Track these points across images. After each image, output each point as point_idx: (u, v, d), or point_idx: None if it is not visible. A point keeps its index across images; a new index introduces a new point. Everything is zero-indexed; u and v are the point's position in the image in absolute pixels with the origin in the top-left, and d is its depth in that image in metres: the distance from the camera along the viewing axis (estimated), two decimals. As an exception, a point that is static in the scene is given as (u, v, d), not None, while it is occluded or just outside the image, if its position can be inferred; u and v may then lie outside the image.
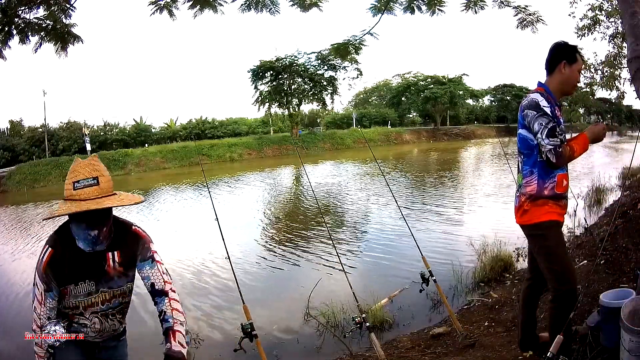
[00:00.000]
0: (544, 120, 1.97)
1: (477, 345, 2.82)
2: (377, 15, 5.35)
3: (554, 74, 2.09)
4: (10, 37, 4.72)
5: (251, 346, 2.28)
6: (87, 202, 1.38)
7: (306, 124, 37.95)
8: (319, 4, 5.39)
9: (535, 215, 2.08)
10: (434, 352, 2.93)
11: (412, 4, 5.32)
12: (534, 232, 2.12)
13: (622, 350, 1.87)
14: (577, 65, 2.07)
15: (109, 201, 1.42)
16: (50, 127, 27.91)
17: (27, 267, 6.29)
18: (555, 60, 2.07)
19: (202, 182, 14.67)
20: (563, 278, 2.03)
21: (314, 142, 30.10)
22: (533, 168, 2.09)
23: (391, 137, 34.16)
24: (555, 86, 2.10)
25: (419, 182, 12.70)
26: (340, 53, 6.32)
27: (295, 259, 5.89)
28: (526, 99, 2.09)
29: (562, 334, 1.98)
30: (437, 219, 7.59)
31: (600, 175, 8.99)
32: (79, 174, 1.41)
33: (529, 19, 5.33)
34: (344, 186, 13.00)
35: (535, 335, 2.37)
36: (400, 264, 5.15)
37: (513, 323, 2.99)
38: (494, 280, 4.23)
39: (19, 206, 14.02)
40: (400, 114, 41.45)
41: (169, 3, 5.04)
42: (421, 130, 38.23)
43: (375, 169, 15.46)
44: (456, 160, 20.42)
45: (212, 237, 6.47)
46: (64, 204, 1.42)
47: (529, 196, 2.09)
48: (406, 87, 39.94)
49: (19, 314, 4.54)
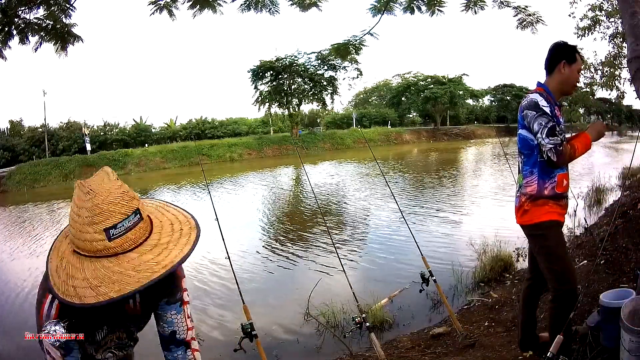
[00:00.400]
0: (544, 119, 1.97)
1: (477, 345, 2.82)
2: (377, 15, 5.36)
3: (554, 74, 2.09)
4: (10, 37, 4.72)
5: (251, 346, 2.28)
6: (143, 262, 0.91)
7: (306, 124, 37.95)
8: (318, 4, 5.39)
9: (535, 215, 2.08)
10: (434, 352, 2.93)
11: (412, 4, 5.32)
12: (535, 232, 2.13)
13: (622, 350, 1.87)
14: (576, 65, 2.07)
15: (176, 249, 0.95)
16: (50, 127, 27.92)
17: (28, 267, 6.30)
18: (555, 60, 2.08)
19: (202, 182, 14.67)
20: (563, 278, 2.03)
21: (314, 142, 30.09)
22: (533, 168, 2.09)
23: (391, 137, 34.15)
24: (555, 86, 2.10)
25: (419, 182, 12.70)
26: (340, 53, 6.32)
27: (295, 259, 5.89)
28: (525, 99, 2.10)
29: (562, 334, 1.98)
30: (437, 219, 7.59)
31: (600, 175, 8.99)
32: (113, 213, 0.90)
33: (529, 20, 5.33)
34: (344, 186, 13.00)
35: (535, 335, 2.37)
36: (400, 264, 5.15)
37: (513, 323, 2.99)
38: (494, 280, 4.23)
39: (19, 206, 14.02)
40: (400, 114, 41.45)
41: (169, 3, 5.04)
42: (421, 130, 38.22)
43: (375, 169, 15.46)
44: (456, 160, 20.42)
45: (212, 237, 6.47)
46: (96, 273, 0.90)
47: (529, 196, 2.09)
48: (406, 87, 39.92)
49: (19, 313, 4.54)
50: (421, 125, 43.49)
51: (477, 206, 8.54)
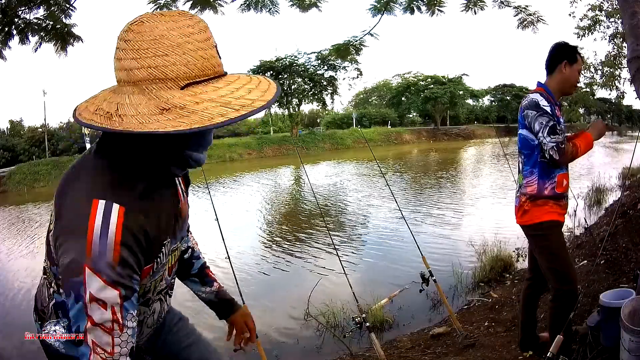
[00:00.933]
0: (544, 119, 1.97)
1: (477, 345, 2.82)
2: (377, 15, 5.35)
3: (555, 74, 2.10)
4: (10, 38, 4.72)
5: (251, 346, 2.28)
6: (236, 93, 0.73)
7: (306, 124, 37.99)
8: (318, 4, 5.38)
9: (535, 215, 2.08)
10: (434, 352, 2.92)
11: (412, 4, 5.31)
12: (535, 232, 2.13)
13: (622, 350, 1.87)
14: (577, 65, 2.08)
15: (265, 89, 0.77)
16: (50, 127, 28.03)
17: (26, 267, 6.29)
18: (556, 60, 2.08)
19: (202, 182, 14.66)
20: (564, 278, 2.03)
21: (314, 142, 30.11)
22: (533, 168, 2.09)
23: (391, 137, 34.18)
24: (556, 86, 2.11)
25: (419, 182, 12.70)
26: (340, 54, 6.31)
27: (295, 259, 5.88)
28: (526, 99, 2.10)
29: (562, 334, 1.99)
30: (437, 219, 7.59)
31: (600, 175, 9.00)
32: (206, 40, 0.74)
33: (530, 19, 5.32)
34: (344, 186, 13.00)
35: (535, 335, 2.37)
36: (400, 264, 5.15)
37: (513, 323, 2.99)
38: (494, 280, 4.22)
39: (19, 206, 14.02)
40: (400, 114, 41.49)
41: (169, 3, 5.03)
42: (421, 130, 38.24)
43: (375, 169, 15.46)
44: (456, 160, 20.42)
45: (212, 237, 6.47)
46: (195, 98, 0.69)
47: (530, 196, 2.10)
48: (406, 87, 39.96)
49: (19, 313, 4.54)
50: (421, 125, 43.54)
51: (477, 206, 8.54)
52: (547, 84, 2.12)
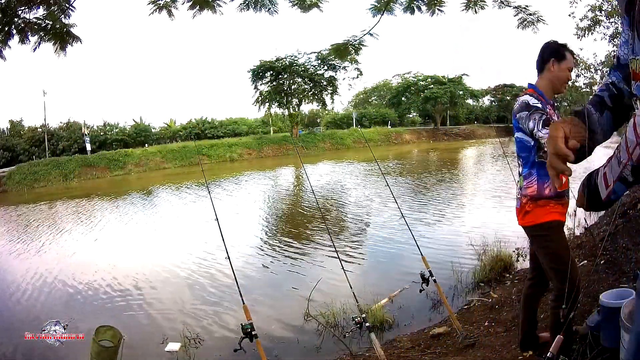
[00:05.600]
0: (537, 115, 1.98)
1: (477, 345, 2.82)
2: (376, 15, 5.34)
3: (544, 73, 2.13)
4: (10, 37, 4.71)
5: (251, 346, 2.28)
6: None
7: (306, 124, 37.97)
8: (319, 5, 5.37)
9: (537, 215, 2.09)
10: (434, 352, 2.93)
11: (412, 4, 5.31)
12: (537, 233, 2.13)
13: (622, 350, 1.87)
14: (566, 62, 2.09)
15: None
16: (50, 127, 27.93)
17: (26, 267, 6.30)
18: (544, 59, 2.10)
19: (202, 182, 14.66)
20: (566, 278, 2.03)
21: (314, 142, 30.10)
22: (532, 169, 2.10)
23: (391, 137, 34.16)
24: (546, 85, 2.12)
25: (419, 182, 12.70)
26: (340, 54, 6.30)
27: (295, 259, 5.89)
28: (517, 103, 2.11)
29: (562, 334, 1.99)
30: (437, 219, 7.59)
31: (600, 175, 8.97)
32: None
33: (530, 19, 5.31)
34: (343, 186, 13.00)
35: (535, 335, 2.37)
36: (400, 264, 5.15)
37: (513, 323, 2.99)
38: (494, 280, 4.22)
39: (19, 206, 14.02)
40: (400, 114, 41.45)
41: (169, 3, 5.02)
42: (421, 130, 38.22)
43: (375, 169, 15.46)
44: (456, 160, 20.41)
45: (212, 237, 6.49)
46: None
47: (530, 197, 2.10)
48: (406, 87, 39.92)
49: (19, 313, 4.55)
50: (421, 125, 43.51)
51: (477, 206, 8.54)
52: (538, 84, 2.14)
